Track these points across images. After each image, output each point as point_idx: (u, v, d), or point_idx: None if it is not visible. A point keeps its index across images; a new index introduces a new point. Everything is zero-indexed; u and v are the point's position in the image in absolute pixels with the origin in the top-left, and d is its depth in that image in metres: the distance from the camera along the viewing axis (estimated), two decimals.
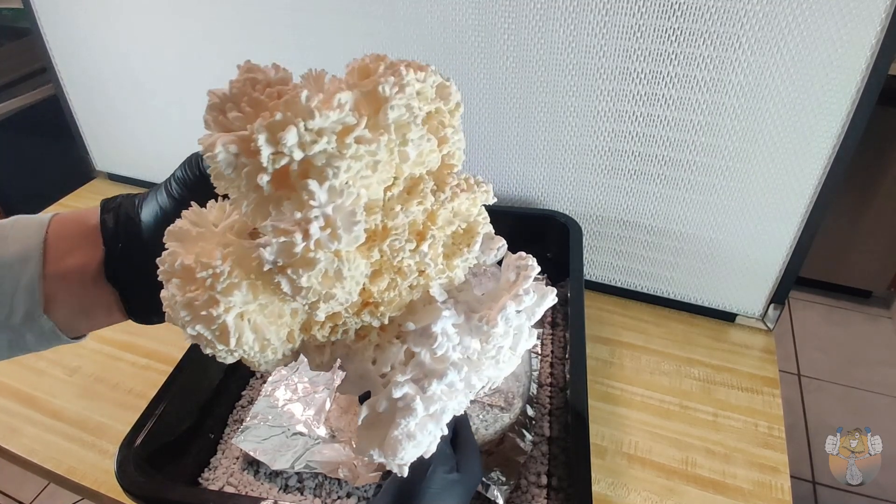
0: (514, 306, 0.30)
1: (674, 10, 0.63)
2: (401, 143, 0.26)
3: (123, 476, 0.51)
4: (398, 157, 0.26)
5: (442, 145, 0.29)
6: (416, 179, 0.28)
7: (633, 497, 0.61)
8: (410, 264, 0.28)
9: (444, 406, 0.29)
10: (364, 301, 0.28)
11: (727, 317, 0.82)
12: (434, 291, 0.30)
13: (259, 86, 0.26)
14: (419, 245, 0.28)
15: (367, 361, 0.30)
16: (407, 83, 0.25)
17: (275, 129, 0.23)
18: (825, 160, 0.66)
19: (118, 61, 0.98)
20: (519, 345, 0.31)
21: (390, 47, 0.77)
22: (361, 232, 0.24)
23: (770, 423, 0.68)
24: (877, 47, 0.58)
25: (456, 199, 0.29)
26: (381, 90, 0.25)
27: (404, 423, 0.29)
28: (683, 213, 0.76)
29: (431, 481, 0.40)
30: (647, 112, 0.71)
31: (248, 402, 0.68)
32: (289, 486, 0.59)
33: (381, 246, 0.27)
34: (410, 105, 0.25)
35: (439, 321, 0.29)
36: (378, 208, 0.27)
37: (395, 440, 0.29)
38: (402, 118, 0.25)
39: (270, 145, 0.23)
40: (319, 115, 0.23)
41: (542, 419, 0.65)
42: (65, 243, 0.33)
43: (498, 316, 0.30)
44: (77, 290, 0.33)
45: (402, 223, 0.27)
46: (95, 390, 0.74)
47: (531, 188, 0.83)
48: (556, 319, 0.77)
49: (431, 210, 0.28)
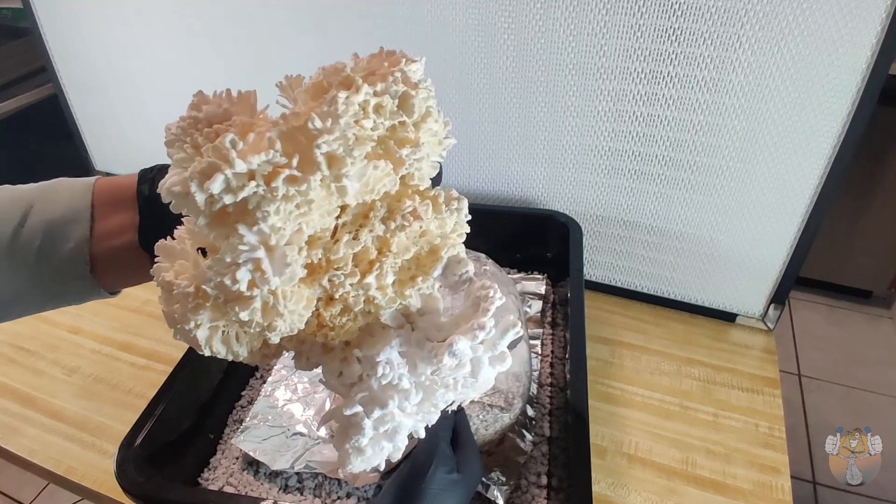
0: (465, 341, 0.29)
1: (674, 10, 0.63)
2: (335, 179, 0.24)
3: (123, 476, 0.51)
4: (336, 191, 0.25)
5: (398, 167, 0.27)
6: (367, 206, 0.27)
7: (633, 497, 0.61)
8: (356, 295, 0.28)
9: (398, 426, 0.30)
10: (319, 324, 0.29)
11: (727, 317, 0.82)
12: (386, 319, 0.30)
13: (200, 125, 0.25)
14: (364, 277, 0.27)
15: (334, 373, 0.31)
16: (342, 113, 0.24)
17: (203, 178, 0.23)
18: (825, 160, 0.66)
19: (118, 61, 0.98)
20: (479, 374, 0.30)
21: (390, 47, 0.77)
22: (295, 272, 0.25)
23: (770, 423, 0.68)
24: (877, 47, 0.58)
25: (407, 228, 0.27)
26: (311, 125, 0.24)
27: (354, 439, 0.29)
28: (684, 213, 0.76)
29: (432, 481, 0.40)
30: (648, 112, 0.71)
31: (248, 403, 0.67)
32: (289, 486, 0.59)
33: (322, 280, 0.27)
34: (345, 135, 0.24)
35: (384, 351, 0.29)
36: (323, 240, 0.27)
37: (345, 453, 0.30)
38: (334, 153, 0.24)
39: (202, 192, 0.23)
40: (242, 162, 0.23)
41: (542, 419, 0.65)
42: (107, 207, 0.35)
43: (445, 351, 0.28)
44: (118, 251, 0.35)
45: (343, 257, 0.27)
46: (95, 390, 0.74)
47: (531, 188, 0.83)
48: (556, 319, 0.77)
49: (385, 237, 0.28)
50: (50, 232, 0.34)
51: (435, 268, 0.29)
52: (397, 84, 0.26)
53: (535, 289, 0.80)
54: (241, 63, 0.88)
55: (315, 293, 0.28)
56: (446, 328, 0.30)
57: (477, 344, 0.29)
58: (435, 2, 0.72)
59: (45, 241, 0.34)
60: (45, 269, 0.34)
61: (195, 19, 0.86)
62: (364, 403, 0.29)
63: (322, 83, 0.27)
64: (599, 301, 0.85)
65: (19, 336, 0.82)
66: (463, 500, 0.42)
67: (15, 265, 0.34)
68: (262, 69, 0.87)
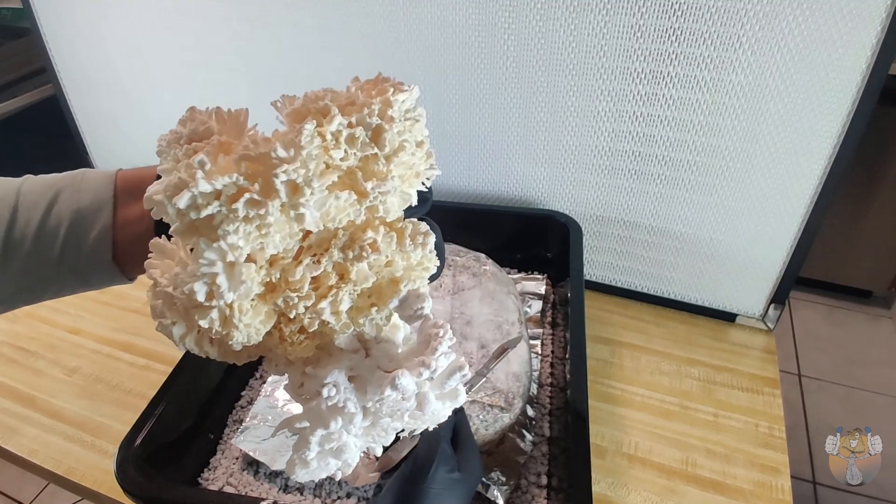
0: (409, 377, 0.29)
1: (674, 10, 0.63)
2: (292, 207, 0.26)
3: (123, 476, 0.51)
4: (295, 218, 0.26)
5: (363, 199, 0.27)
6: (330, 233, 0.28)
7: (633, 497, 0.61)
8: (310, 318, 0.28)
9: (343, 445, 0.30)
10: (280, 337, 0.30)
11: (727, 317, 0.82)
12: (339, 343, 0.30)
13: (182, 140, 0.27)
14: (319, 301, 0.28)
15: (296, 384, 0.31)
16: (304, 144, 0.25)
17: (173, 193, 0.25)
18: (825, 160, 0.66)
19: (118, 61, 0.98)
20: (426, 408, 0.30)
21: (390, 47, 0.77)
22: (250, 289, 0.26)
23: (770, 423, 0.68)
24: (877, 47, 0.58)
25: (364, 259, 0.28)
26: (273, 154, 0.25)
27: (302, 451, 0.30)
28: (684, 213, 0.76)
29: (434, 481, 0.40)
30: (648, 112, 0.71)
31: (248, 403, 0.67)
32: (289, 486, 0.59)
33: (276, 300, 0.28)
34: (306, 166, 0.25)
35: (331, 374, 0.30)
36: (284, 261, 0.28)
37: (290, 463, 0.31)
38: (294, 182, 0.25)
39: (171, 206, 0.25)
40: (206, 183, 0.24)
41: (542, 419, 0.65)
42: (129, 196, 0.37)
43: (388, 384, 0.29)
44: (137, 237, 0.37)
45: (301, 279, 0.27)
46: (95, 390, 0.74)
47: (531, 188, 0.83)
48: (557, 319, 0.77)
49: (344, 265, 0.28)
50: (76, 219, 0.36)
51: (392, 299, 0.29)
52: (371, 117, 0.27)
53: (535, 289, 0.80)
54: (242, 63, 0.88)
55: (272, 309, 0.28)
56: (397, 359, 0.31)
57: (422, 381, 0.30)
58: (435, 2, 0.72)
59: (71, 227, 0.36)
60: (71, 255, 0.36)
61: (195, 19, 0.86)
62: (310, 420, 0.30)
63: (302, 110, 0.27)
64: (599, 301, 0.85)
65: (19, 336, 0.82)
66: (464, 499, 0.42)
67: (43, 250, 0.36)
68: (262, 69, 0.87)
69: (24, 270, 0.36)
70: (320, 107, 0.27)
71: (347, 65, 0.81)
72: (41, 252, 0.36)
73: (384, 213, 0.28)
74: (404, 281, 0.29)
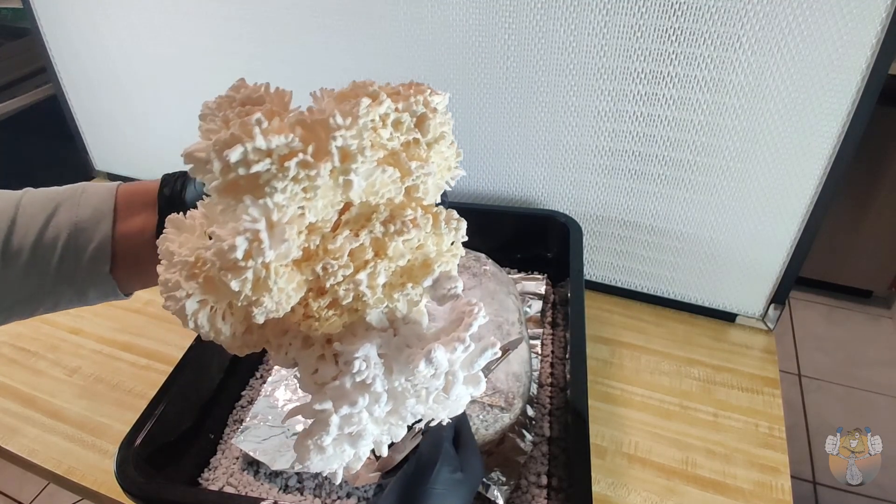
0: (444, 352, 0.29)
1: (674, 9, 0.63)
2: (342, 172, 0.26)
3: (123, 476, 0.51)
4: (343, 185, 0.27)
5: (405, 177, 0.29)
6: (370, 208, 0.29)
7: (633, 497, 0.61)
8: (346, 288, 0.28)
9: (363, 430, 0.30)
10: (306, 313, 0.29)
11: (727, 317, 0.82)
12: (371, 318, 0.30)
13: (234, 103, 0.28)
14: (356, 272, 0.28)
15: (310, 370, 0.31)
16: (361, 115, 0.26)
17: (223, 147, 0.25)
18: (825, 160, 0.66)
19: (118, 61, 0.98)
20: (453, 390, 0.30)
21: (391, 47, 0.77)
22: (290, 249, 0.26)
23: (770, 423, 0.68)
24: (877, 47, 0.58)
25: (406, 234, 0.28)
26: (332, 120, 0.26)
27: (318, 435, 0.30)
28: (684, 213, 0.76)
29: (437, 481, 0.40)
30: (648, 112, 0.71)
31: (248, 402, 0.68)
32: (289, 486, 0.59)
33: (315, 267, 0.28)
34: (360, 137, 0.26)
35: (363, 348, 0.29)
36: (322, 230, 0.28)
37: (305, 448, 0.30)
38: (348, 149, 0.26)
39: (220, 160, 0.25)
40: (261, 139, 0.25)
41: (542, 419, 0.65)
42: (129, 209, 0.38)
43: (422, 358, 0.29)
44: (135, 250, 0.37)
45: (340, 248, 0.28)
46: (95, 390, 0.74)
47: (531, 188, 0.83)
48: (557, 319, 0.77)
49: (382, 240, 0.28)
50: (75, 231, 0.36)
51: (426, 278, 0.30)
52: (418, 105, 0.29)
53: (535, 289, 0.80)
54: (242, 63, 0.88)
55: (306, 278, 0.28)
56: (426, 339, 0.31)
57: (455, 357, 0.30)
58: (436, 2, 0.72)
59: (69, 239, 0.36)
60: (69, 267, 0.36)
61: (196, 19, 0.86)
62: (335, 398, 0.29)
63: (350, 92, 0.29)
64: (599, 301, 0.85)
65: (20, 336, 0.82)
66: (466, 500, 0.42)
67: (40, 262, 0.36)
68: (263, 68, 0.87)
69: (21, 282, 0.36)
70: (369, 91, 0.28)
71: (347, 65, 0.81)
72: (39, 263, 0.36)
73: (423, 194, 0.30)
74: (437, 262, 0.30)
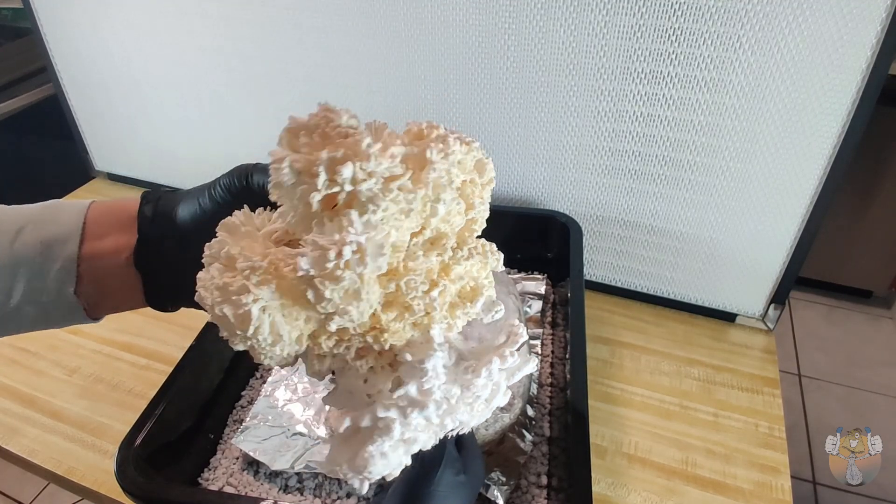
0: (498, 363, 0.34)
1: (674, 10, 0.63)
2: (434, 200, 0.30)
3: (123, 476, 0.51)
4: (429, 210, 0.31)
5: (469, 211, 0.33)
6: (440, 234, 0.32)
7: (633, 497, 0.61)
8: (420, 304, 0.31)
9: (417, 436, 0.33)
10: (372, 325, 0.31)
11: (727, 317, 0.82)
12: (434, 333, 0.33)
13: (332, 124, 0.30)
14: (431, 289, 0.31)
15: (359, 379, 0.33)
16: (451, 153, 0.30)
17: (335, 163, 0.27)
18: (825, 160, 0.66)
19: (118, 61, 0.98)
20: (494, 399, 0.35)
21: (392, 48, 0.77)
22: (385, 264, 0.29)
23: (770, 423, 0.68)
24: (877, 47, 0.58)
25: (470, 259, 0.33)
26: (429, 153, 0.29)
27: (380, 441, 0.32)
28: (684, 213, 0.76)
29: (440, 483, 0.40)
30: (648, 112, 0.71)
31: (248, 403, 0.67)
32: (289, 487, 0.59)
33: (399, 282, 0.30)
34: (450, 171, 0.30)
35: (432, 359, 0.32)
36: (402, 250, 0.31)
37: (368, 455, 0.32)
38: (440, 179, 0.30)
39: (328, 174, 0.27)
40: (374, 161, 0.28)
41: (542, 419, 0.65)
42: (100, 228, 0.36)
43: (483, 368, 0.33)
44: (106, 272, 0.36)
45: (420, 266, 0.31)
46: (95, 390, 0.74)
47: (531, 188, 0.83)
48: (557, 319, 0.77)
49: (447, 263, 0.32)
50: (42, 250, 0.35)
51: (477, 300, 0.34)
52: (477, 151, 0.32)
53: (535, 289, 0.80)
54: (242, 62, 0.88)
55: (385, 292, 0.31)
56: (474, 353, 0.34)
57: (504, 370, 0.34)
58: (436, 2, 0.72)
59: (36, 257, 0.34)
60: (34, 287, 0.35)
61: (196, 19, 0.86)
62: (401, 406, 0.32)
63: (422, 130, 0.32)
64: (599, 301, 0.85)
65: (20, 337, 0.81)
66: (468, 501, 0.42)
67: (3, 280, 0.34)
68: (262, 69, 0.87)
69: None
70: (440, 133, 0.31)
71: (348, 64, 0.81)
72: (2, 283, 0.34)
73: (478, 227, 0.34)
74: (483, 288, 0.34)
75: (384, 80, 0.81)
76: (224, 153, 1.00)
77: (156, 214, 0.36)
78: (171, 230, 0.36)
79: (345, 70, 0.82)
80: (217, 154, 1.01)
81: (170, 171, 1.08)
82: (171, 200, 0.37)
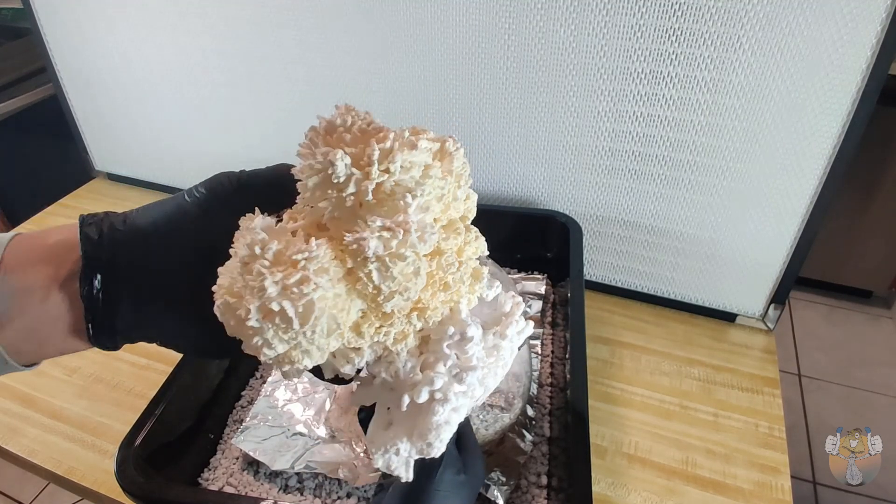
0: (514, 327, 0.37)
1: (674, 10, 0.63)
2: (457, 186, 0.34)
3: (123, 476, 0.51)
4: (451, 196, 0.34)
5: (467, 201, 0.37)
6: (452, 220, 0.35)
7: (633, 497, 0.61)
8: (455, 279, 0.34)
9: (461, 404, 0.35)
10: (414, 306, 0.33)
11: (727, 317, 0.82)
12: (462, 306, 0.36)
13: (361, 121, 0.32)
14: (459, 267, 0.34)
15: (400, 363, 0.35)
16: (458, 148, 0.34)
17: (387, 154, 0.30)
18: (825, 160, 0.66)
19: (118, 61, 0.98)
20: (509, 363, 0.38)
21: (392, 48, 0.77)
22: (435, 242, 0.31)
23: (770, 423, 0.68)
24: (877, 47, 0.58)
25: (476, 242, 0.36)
26: (448, 146, 0.33)
27: (441, 409, 0.34)
28: (684, 213, 0.76)
29: (441, 483, 0.40)
30: (648, 112, 0.71)
31: (248, 403, 0.68)
32: (289, 487, 0.59)
33: (440, 260, 0.33)
34: (463, 163, 0.34)
35: (469, 328, 0.35)
36: None
37: (436, 424, 0.34)
38: (459, 169, 0.34)
39: (380, 164, 0.30)
40: (418, 150, 0.31)
41: (542, 419, 0.65)
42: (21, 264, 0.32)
43: (507, 331, 0.37)
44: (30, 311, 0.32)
45: (451, 247, 0.34)
46: (95, 390, 0.74)
47: (531, 188, 0.83)
48: (557, 319, 0.77)
49: (461, 246, 0.35)
50: None
51: (483, 277, 0.36)
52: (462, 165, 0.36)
53: (535, 289, 0.80)
54: (242, 62, 0.88)
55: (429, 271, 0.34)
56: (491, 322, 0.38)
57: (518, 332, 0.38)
58: (436, 2, 0.72)
59: None
60: None
61: (196, 19, 0.86)
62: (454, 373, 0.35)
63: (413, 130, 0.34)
64: (599, 301, 0.85)
65: None
66: (468, 501, 0.42)
67: None
68: (262, 69, 0.87)
69: None
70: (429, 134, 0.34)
71: (348, 65, 0.81)
72: None
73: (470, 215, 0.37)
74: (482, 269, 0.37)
75: (384, 80, 0.81)
76: (224, 153, 1.00)
77: (104, 234, 0.32)
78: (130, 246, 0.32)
79: (345, 70, 0.82)
80: (217, 154, 1.01)
81: (170, 170, 1.08)
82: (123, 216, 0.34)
